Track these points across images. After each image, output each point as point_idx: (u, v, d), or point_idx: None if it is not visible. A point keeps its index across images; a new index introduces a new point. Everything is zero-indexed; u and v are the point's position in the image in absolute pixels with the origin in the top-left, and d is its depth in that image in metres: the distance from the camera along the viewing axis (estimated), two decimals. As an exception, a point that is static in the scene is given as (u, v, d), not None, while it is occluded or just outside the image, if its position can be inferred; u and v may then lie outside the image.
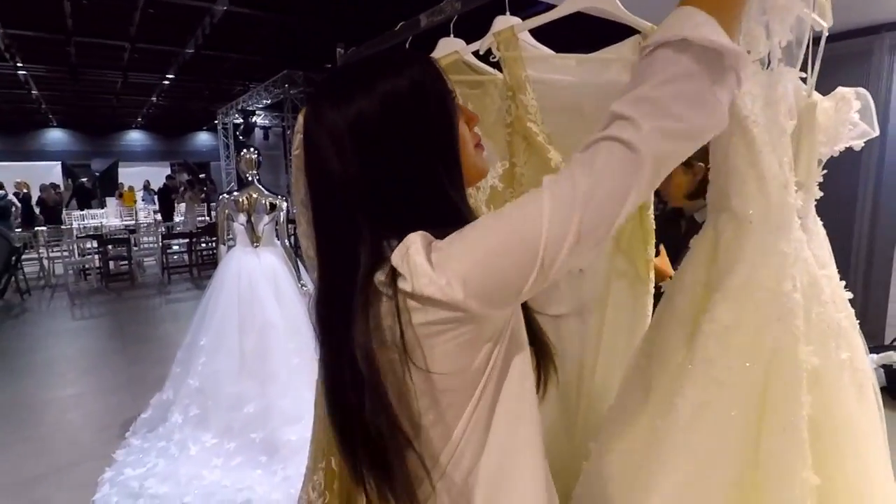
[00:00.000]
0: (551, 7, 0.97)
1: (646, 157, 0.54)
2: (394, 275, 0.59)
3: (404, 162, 0.63)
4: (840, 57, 3.85)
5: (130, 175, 15.61)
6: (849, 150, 1.02)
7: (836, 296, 0.92)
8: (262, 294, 2.90)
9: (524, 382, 0.66)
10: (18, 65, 8.88)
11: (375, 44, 1.50)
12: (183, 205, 11.16)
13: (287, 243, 3.14)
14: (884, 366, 3.28)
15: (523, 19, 1.02)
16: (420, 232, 0.60)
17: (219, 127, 13.17)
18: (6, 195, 11.33)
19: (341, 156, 0.63)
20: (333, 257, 0.66)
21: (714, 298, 0.81)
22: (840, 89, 1.00)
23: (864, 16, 3.53)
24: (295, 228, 2.86)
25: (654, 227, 1.05)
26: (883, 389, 3.22)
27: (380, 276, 0.61)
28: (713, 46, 0.53)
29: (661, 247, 1.42)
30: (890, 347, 3.65)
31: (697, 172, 1.70)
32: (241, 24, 6.95)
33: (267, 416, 2.67)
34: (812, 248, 0.88)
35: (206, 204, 11.88)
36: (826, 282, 0.88)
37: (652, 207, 1.04)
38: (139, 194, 14.24)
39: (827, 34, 0.95)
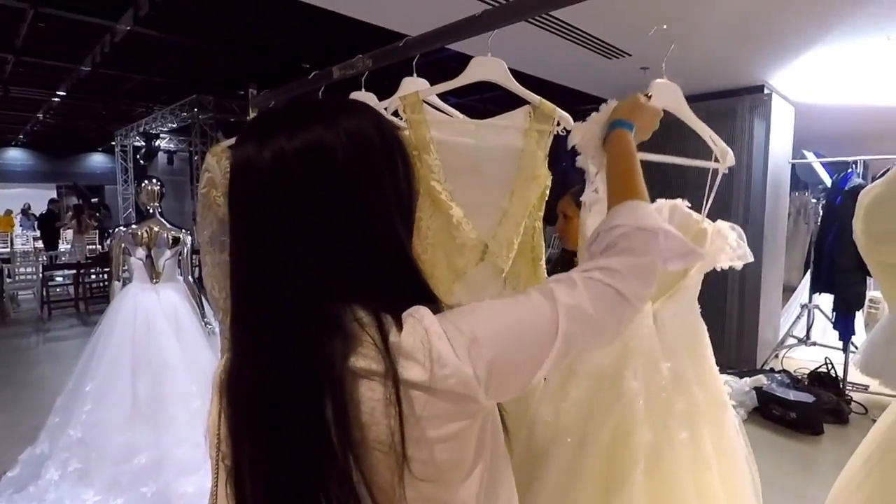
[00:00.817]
0: (456, 54, 1.06)
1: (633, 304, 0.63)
2: (389, 357, 0.51)
3: (367, 205, 0.55)
4: (710, 114, 4.42)
5: (8, 197, 14.04)
6: (725, 193, 1.21)
7: (682, 381, 1.01)
8: (160, 333, 2.71)
9: (503, 456, 0.64)
10: None
11: (289, 89, 1.52)
12: (69, 232, 10.17)
13: (191, 279, 2.98)
14: (756, 388, 3.66)
15: (429, 74, 1.10)
16: (422, 307, 0.54)
17: (116, 149, 12.25)
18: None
19: (292, 193, 0.53)
20: (273, 326, 0.53)
21: (571, 381, 0.95)
22: (719, 223, 1.18)
23: (729, 80, 4.10)
24: (199, 264, 2.72)
25: (545, 275, 1.14)
26: (755, 410, 3.61)
27: (358, 362, 0.52)
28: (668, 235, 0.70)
29: None
30: (760, 371, 4.11)
31: None
32: (147, 45, 6.62)
33: (160, 467, 2.47)
34: (664, 340, 1.01)
35: (98, 231, 10.89)
36: (668, 371, 0.99)
37: (544, 259, 1.14)
38: (17, 219, 12.81)
39: (724, 171, 1.19)
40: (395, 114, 1.00)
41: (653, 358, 0.97)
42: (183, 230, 2.91)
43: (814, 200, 6.65)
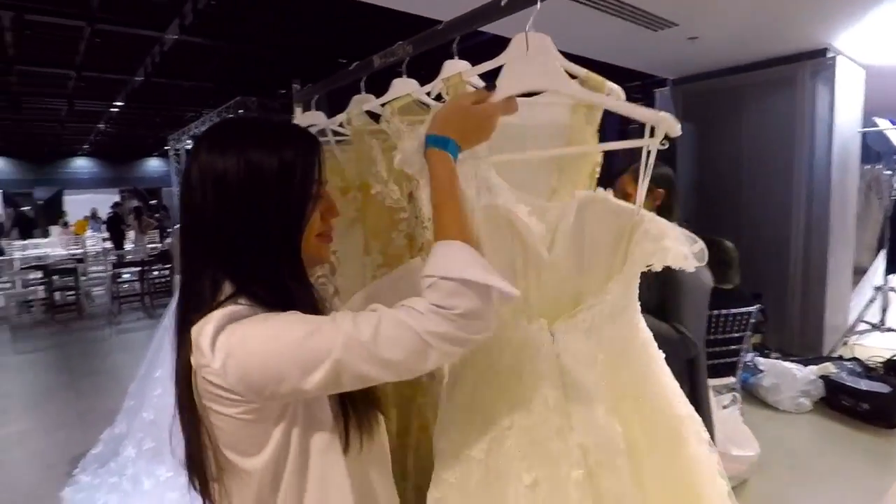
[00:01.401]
0: (494, 38, 1.04)
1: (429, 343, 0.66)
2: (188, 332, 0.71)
3: (250, 225, 0.71)
4: (767, 84, 4.17)
5: (76, 203, 14.98)
6: (785, 169, 1.10)
7: (584, 410, 0.84)
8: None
9: (328, 454, 0.75)
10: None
11: (330, 82, 1.55)
12: (132, 232, 10.78)
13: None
14: (822, 377, 3.45)
15: (470, 56, 1.09)
16: (231, 308, 0.69)
17: (170, 153, 12.80)
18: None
19: (203, 195, 0.71)
20: (186, 281, 0.76)
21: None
22: (656, 220, 0.91)
23: (788, 45, 3.84)
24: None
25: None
26: (822, 400, 3.41)
27: (197, 324, 0.70)
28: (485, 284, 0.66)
29: None
30: (827, 358, 3.86)
31: (657, 197, 1.69)
32: (193, 52, 6.87)
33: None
34: (567, 363, 0.85)
35: (158, 230, 11.50)
36: (555, 399, 0.84)
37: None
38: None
39: (660, 145, 0.86)
40: (439, 97, 0.99)
41: (539, 387, 0.84)
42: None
43: (888, 173, 6.13)
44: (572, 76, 0.94)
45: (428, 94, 1.13)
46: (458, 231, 0.70)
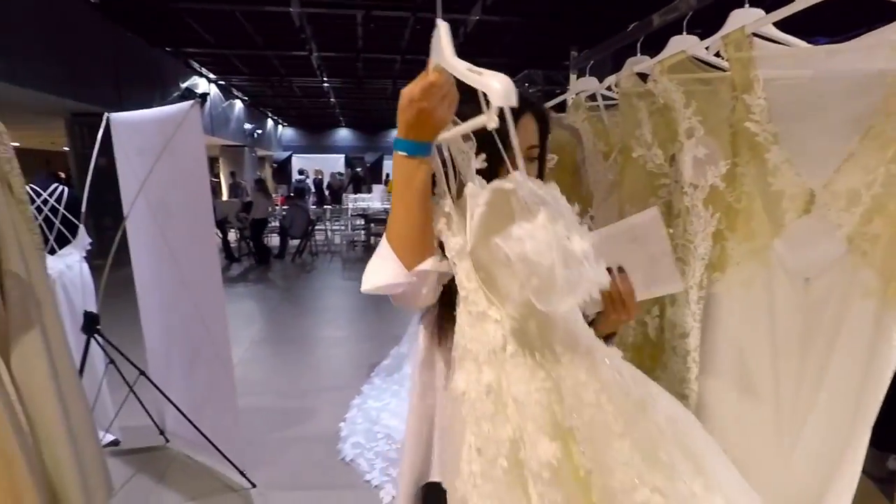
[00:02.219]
0: None
1: None
2: None
3: None
4: None
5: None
6: None
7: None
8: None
9: None
10: (324, 79, 11.22)
11: (607, 45, 1.55)
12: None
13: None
14: None
15: (765, 7, 0.97)
16: None
17: (465, 125, 14.46)
18: (305, 179, 14.55)
19: None
20: None
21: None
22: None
23: None
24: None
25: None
26: None
27: None
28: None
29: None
30: None
31: None
32: (490, 30, 7.53)
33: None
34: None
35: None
36: None
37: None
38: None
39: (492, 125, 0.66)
40: (717, 55, 0.92)
41: None
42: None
43: None
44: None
45: (707, 48, 1.06)
46: (392, 233, 0.77)
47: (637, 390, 0.73)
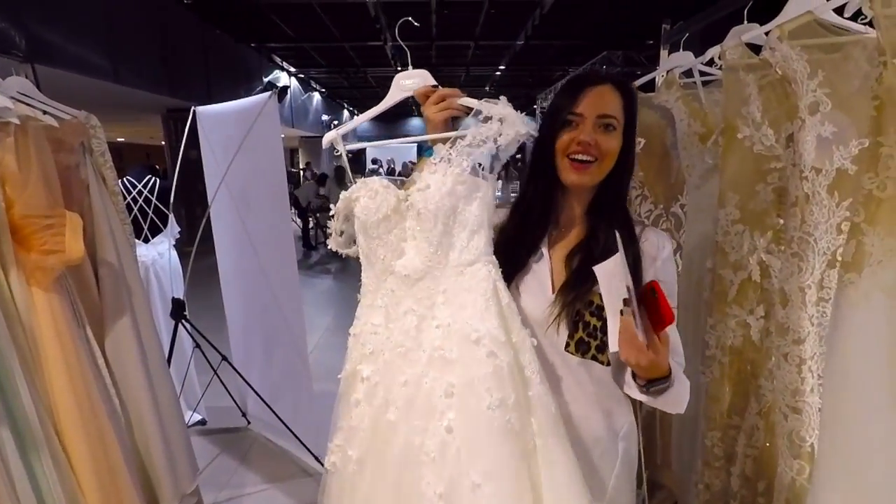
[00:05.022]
0: None
1: None
2: None
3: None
4: None
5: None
6: None
7: None
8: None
9: None
10: (398, 68, 11.32)
11: (704, 16, 1.39)
12: (500, 182, 12.64)
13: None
14: None
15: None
16: None
17: (537, 111, 14.13)
18: (378, 168, 14.92)
19: None
20: None
21: None
22: None
23: None
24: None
25: None
26: None
27: None
28: None
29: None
30: None
31: None
32: (568, 10, 7.21)
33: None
34: None
35: (518, 182, 13.09)
36: None
37: None
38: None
39: None
40: (857, 15, 0.77)
41: None
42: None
43: None
44: None
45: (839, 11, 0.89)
46: None
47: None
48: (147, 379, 1.45)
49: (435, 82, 1.02)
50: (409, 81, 1.06)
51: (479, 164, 0.90)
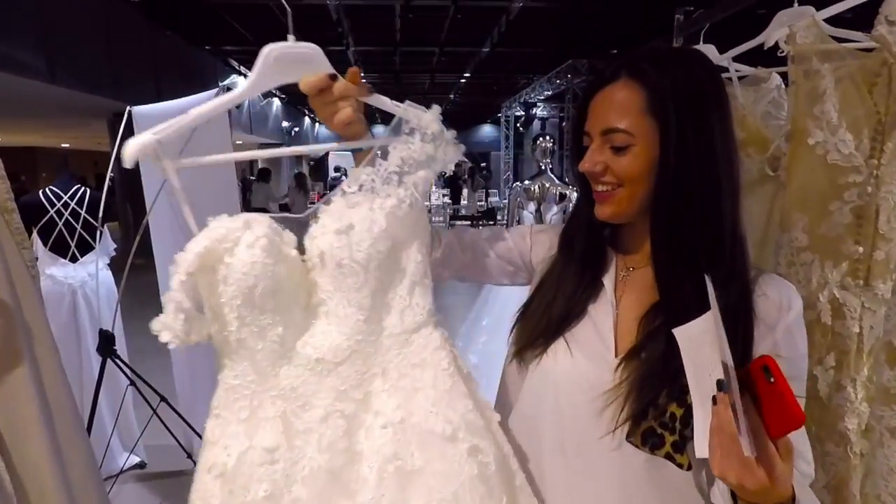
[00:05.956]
0: None
1: None
2: None
3: None
4: None
5: (427, 164, 18.30)
6: None
7: None
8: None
9: None
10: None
11: (724, 7, 1.19)
12: (466, 191, 12.44)
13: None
14: None
15: None
16: None
17: (501, 119, 14.09)
18: (340, 176, 14.51)
19: None
20: None
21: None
22: None
23: None
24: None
25: None
26: None
27: None
28: None
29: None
30: None
31: None
32: (534, 18, 7.13)
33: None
34: None
35: (484, 191, 12.95)
36: None
37: None
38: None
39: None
40: None
41: None
42: (570, 187, 2.95)
43: None
44: None
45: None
46: None
47: None
48: (52, 448, 1.12)
49: (332, 69, 0.66)
50: (291, 63, 0.64)
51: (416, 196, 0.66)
